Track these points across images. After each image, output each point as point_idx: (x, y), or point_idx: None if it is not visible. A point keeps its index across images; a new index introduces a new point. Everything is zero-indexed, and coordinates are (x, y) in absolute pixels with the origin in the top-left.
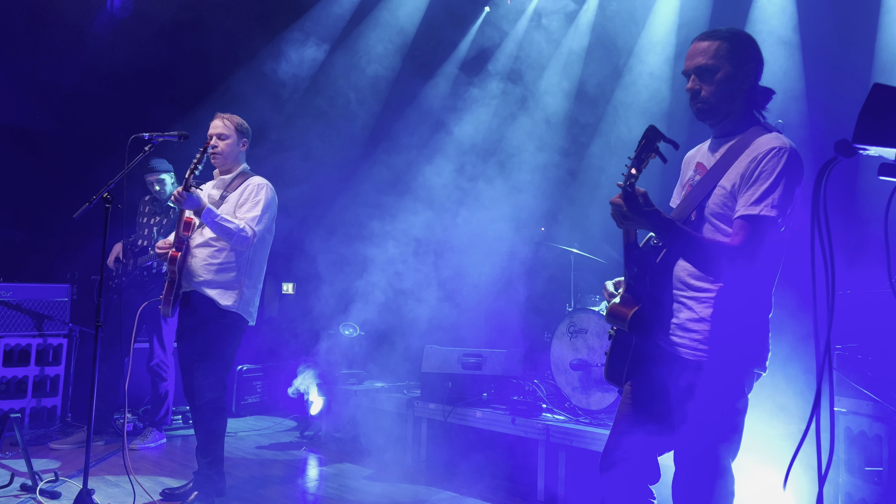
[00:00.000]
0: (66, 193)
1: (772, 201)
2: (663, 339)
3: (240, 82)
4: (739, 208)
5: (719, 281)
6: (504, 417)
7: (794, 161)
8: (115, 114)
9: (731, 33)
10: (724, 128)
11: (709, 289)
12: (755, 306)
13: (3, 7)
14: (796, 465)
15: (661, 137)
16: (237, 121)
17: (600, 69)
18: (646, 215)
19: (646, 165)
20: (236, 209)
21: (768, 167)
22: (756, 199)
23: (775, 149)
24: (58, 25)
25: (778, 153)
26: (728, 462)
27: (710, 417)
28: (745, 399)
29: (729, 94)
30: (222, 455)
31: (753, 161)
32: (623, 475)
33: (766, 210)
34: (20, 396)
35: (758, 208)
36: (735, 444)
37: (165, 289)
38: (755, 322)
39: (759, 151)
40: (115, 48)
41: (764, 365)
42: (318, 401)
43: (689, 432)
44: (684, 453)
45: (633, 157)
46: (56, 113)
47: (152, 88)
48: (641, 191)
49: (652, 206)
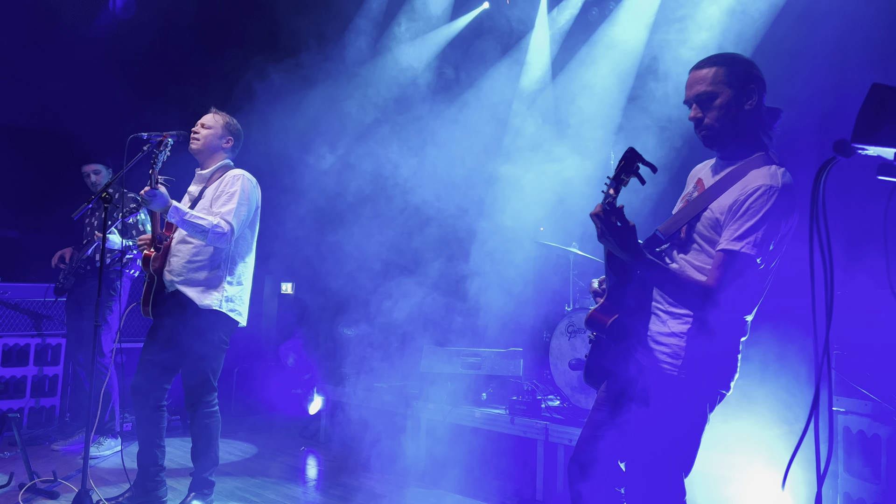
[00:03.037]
0: (65, 193)
1: (754, 240)
2: (638, 348)
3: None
4: (722, 241)
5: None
6: (503, 417)
7: (783, 199)
8: (114, 113)
9: (728, 57)
10: (730, 152)
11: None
12: (728, 329)
13: (5, 7)
14: (795, 465)
15: (640, 160)
16: (228, 119)
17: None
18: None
19: (625, 185)
20: (212, 203)
21: (756, 205)
22: (739, 235)
23: (765, 187)
24: (59, 25)
25: (768, 192)
26: (679, 476)
27: (667, 430)
28: (706, 417)
29: (731, 118)
30: (217, 456)
31: (743, 194)
32: (591, 480)
33: (746, 248)
34: (19, 396)
35: (739, 244)
36: (689, 460)
37: (144, 289)
38: (726, 344)
39: (750, 187)
40: (115, 48)
41: (728, 385)
42: (318, 400)
43: (644, 441)
44: (637, 461)
45: (612, 177)
46: (55, 112)
47: (152, 87)
48: (625, 219)
49: (628, 226)
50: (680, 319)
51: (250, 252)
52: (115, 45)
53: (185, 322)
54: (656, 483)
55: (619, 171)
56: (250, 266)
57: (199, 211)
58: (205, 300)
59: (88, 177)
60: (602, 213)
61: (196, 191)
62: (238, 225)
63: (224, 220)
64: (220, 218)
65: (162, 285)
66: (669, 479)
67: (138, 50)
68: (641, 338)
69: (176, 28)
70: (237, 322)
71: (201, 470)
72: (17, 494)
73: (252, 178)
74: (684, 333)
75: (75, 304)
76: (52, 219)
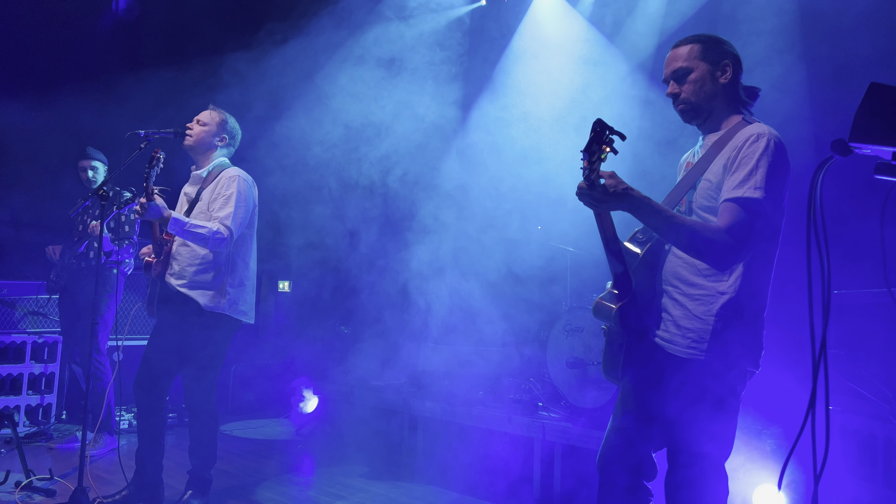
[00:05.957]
0: (63, 190)
1: (755, 183)
2: (656, 334)
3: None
4: (724, 193)
5: (709, 264)
6: (500, 415)
7: (776, 147)
8: (112, 112)
9: (703, 36)
10: (710, 125)
11: (703, 285)
12: (750, 304)
13: (6, 6)
14: (791, 464)
15: (609, 129)
16: (225, 116)
17: None
18: (618, 196)
19: (603, 158)
20: (210, 205)
21: (749, 152)
22: (739, 182)
23: (754, 135)
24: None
25: (757, 139)
26: (721, 461)
27: (702, 416)
28: (739, 398)
29: (707, 91)
30: (214, 454)
31: (734, 149)
32: (620, 472)
33: (749, 192)
34: (15, 394)
35: (741, 190)
36: (728, 444)
37: (149, 291)
38: (749, 320)
39: (740, 140)
40: (115, 48)
41: (757, 363)
42: (314, 399)
43: (681, 431)
44: (677, 452)
45: (584, 149)
46: (54, 111)
47: (151, 87)
48: (608, 172)
49: (624, 185)
50: (699, 301)
51: (251, 251)
52: (114, 41)
53: (188, 322)
54: (698, 473)
55: (591, 142)
56: (252, 265)
57: (198, 216)
58: (207, 301)
59: (85, 171)
60: (586, 187)
61: (193, 192)
62: (237, 228)
63: (223, 226)
64: (219, 223)
65: (165, 287)
66: (710, 467)
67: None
68: (657, 323)
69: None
70: (239, 321)
71: (198, 468)
72: (14, 492)
73: (248, 178)
74: (704, 315)
75: (70, 301)
76: (50, 216)
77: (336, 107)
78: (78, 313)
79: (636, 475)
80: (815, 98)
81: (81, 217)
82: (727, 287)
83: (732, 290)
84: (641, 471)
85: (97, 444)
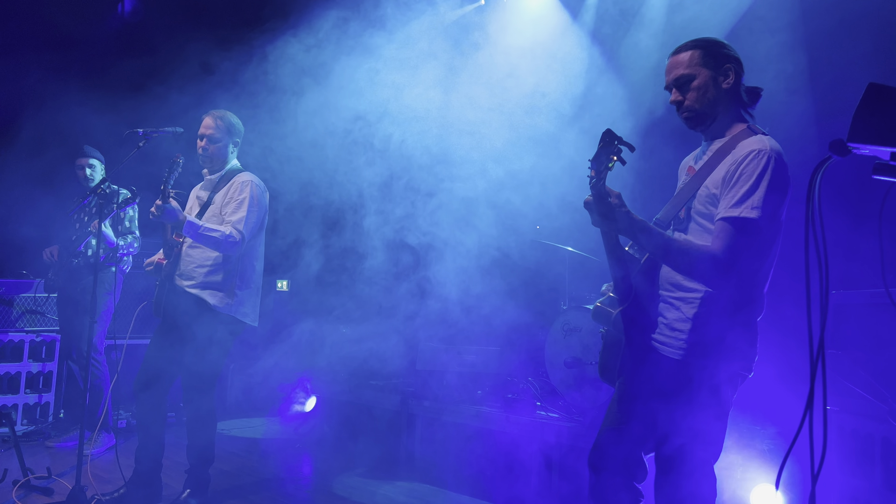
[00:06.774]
0: (62, 189)
1: (752, 203)
2: (651, 338)
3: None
4: (720, 210)
5: (703, 285)
6: (498, 415)
7: (776, 164)
8: (112, 111)
9: (703, 40)
10: (713, 131)
11: (696, 289)
12: (743, 308)
13: (8, 6)
14: (789, 464)
15: (618, 140)
16: (229, 120)
17: None
18: (619, 217)
19: (610, 167)
20: (222, 209)
21: (748, 170)
22: (736, 201)
23: (755, 151)
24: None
25: (758, 155)
26: (709, 462)
27: (692, 418)
28: (730, 401)
29: (710, 97)
30: (213, 453)
31: (734, 164)
32: (611, 473)
33: (746, 212)
34: (13, 392)
35: (738, 210)
36: (717, 446)
37: (156, 291)
38: (742, 324)
39: (740, 154)
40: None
41: (750, 367)
42: (312, 398)
43: (671, 433)
44: (665, 453)
45: (592, 159)
46: (53, 110)
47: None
48: (615, 192)
49: (625, 208)
50: (692, 304)
51: (259, 255)
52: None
53: (193, 323)
54: (685, 475)
55: (599, 152)
56: (259, 268)
57: (210, 219)
58: (214, 302)
59: (82, 170)
60: (594, 195)
61: (205, 196)
62: (248, 232)
63: (235, 230)
64: (231, 227)
65: (174, 288)
66: (698, 469)
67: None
68: (654, 326)
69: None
70: (244, 323)
71: (197, 467)
72: (11, 491)
73: (260, 183)
74: (696, 318)
75: (68, 299)
76: (48, 215)
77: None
78: (76, 312)
79: (626, 476)
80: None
81: (79, 215)
82: (720, 292)
83: (726, 295)
84: (632, 472)
85: (95, 442)
